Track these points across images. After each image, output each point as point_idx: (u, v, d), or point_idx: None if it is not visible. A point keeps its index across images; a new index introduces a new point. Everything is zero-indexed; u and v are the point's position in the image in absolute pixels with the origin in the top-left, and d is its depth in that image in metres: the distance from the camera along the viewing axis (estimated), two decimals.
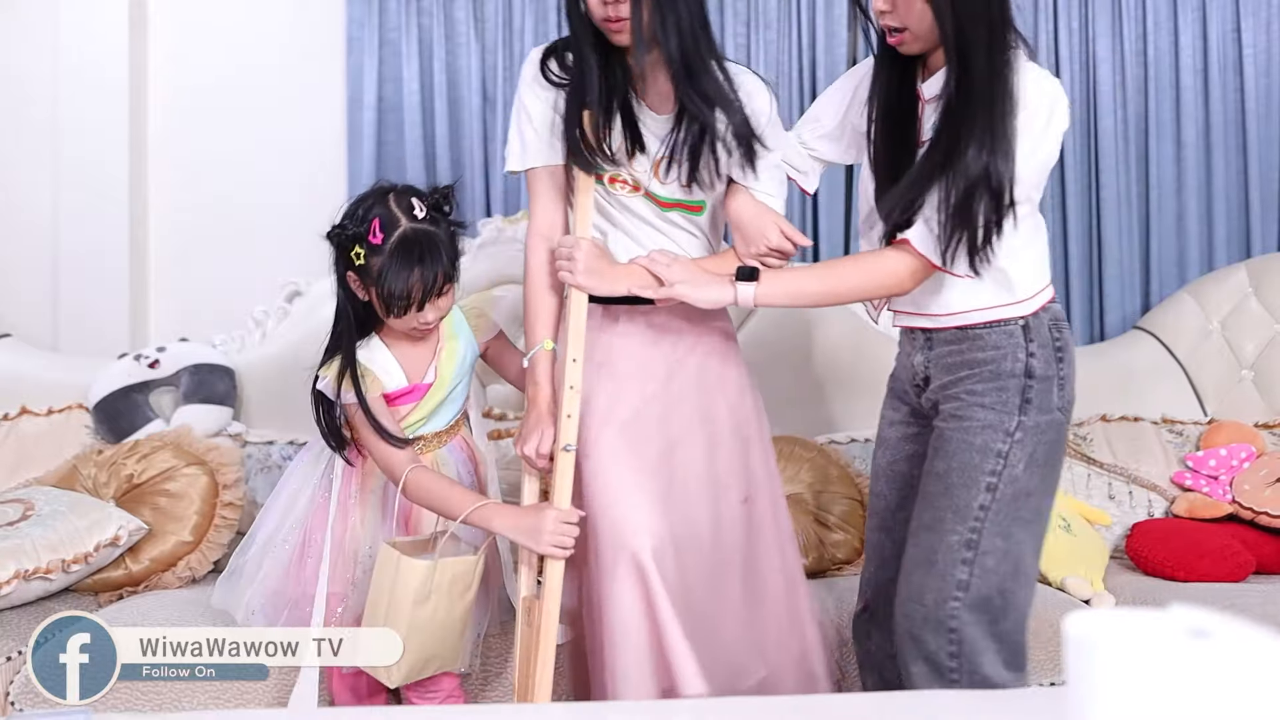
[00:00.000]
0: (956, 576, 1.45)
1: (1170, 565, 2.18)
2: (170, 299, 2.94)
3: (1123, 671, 0.53)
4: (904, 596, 1.50)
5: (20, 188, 2.89)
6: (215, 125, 2.94)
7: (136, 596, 2.02)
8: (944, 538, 1.47)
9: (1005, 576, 1.47)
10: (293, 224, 2.90)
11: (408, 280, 1.59)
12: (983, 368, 1.50)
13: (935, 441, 1.54)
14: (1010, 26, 1.45)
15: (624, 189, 1.65)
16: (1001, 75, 1.42)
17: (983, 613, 1.45)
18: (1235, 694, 0.51)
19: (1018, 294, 1.51)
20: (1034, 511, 1.50)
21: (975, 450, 1.47)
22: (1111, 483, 2.49)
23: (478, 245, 2.69)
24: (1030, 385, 1.49)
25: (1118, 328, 2.95)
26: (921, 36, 1.45)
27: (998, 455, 1.47)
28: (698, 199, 1.66)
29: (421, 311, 1.63)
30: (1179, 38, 2.96)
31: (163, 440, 2.25)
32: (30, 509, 2.00)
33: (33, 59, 2.87)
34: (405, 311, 1.62)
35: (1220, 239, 2.96)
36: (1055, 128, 1.46)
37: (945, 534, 1.47)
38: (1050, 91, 1.46)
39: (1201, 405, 2.69)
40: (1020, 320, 1.51)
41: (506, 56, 2.91)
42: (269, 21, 2.97)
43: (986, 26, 1.41)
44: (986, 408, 1.48)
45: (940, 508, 1.49)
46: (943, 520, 1.48)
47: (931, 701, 1.27)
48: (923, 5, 1.42)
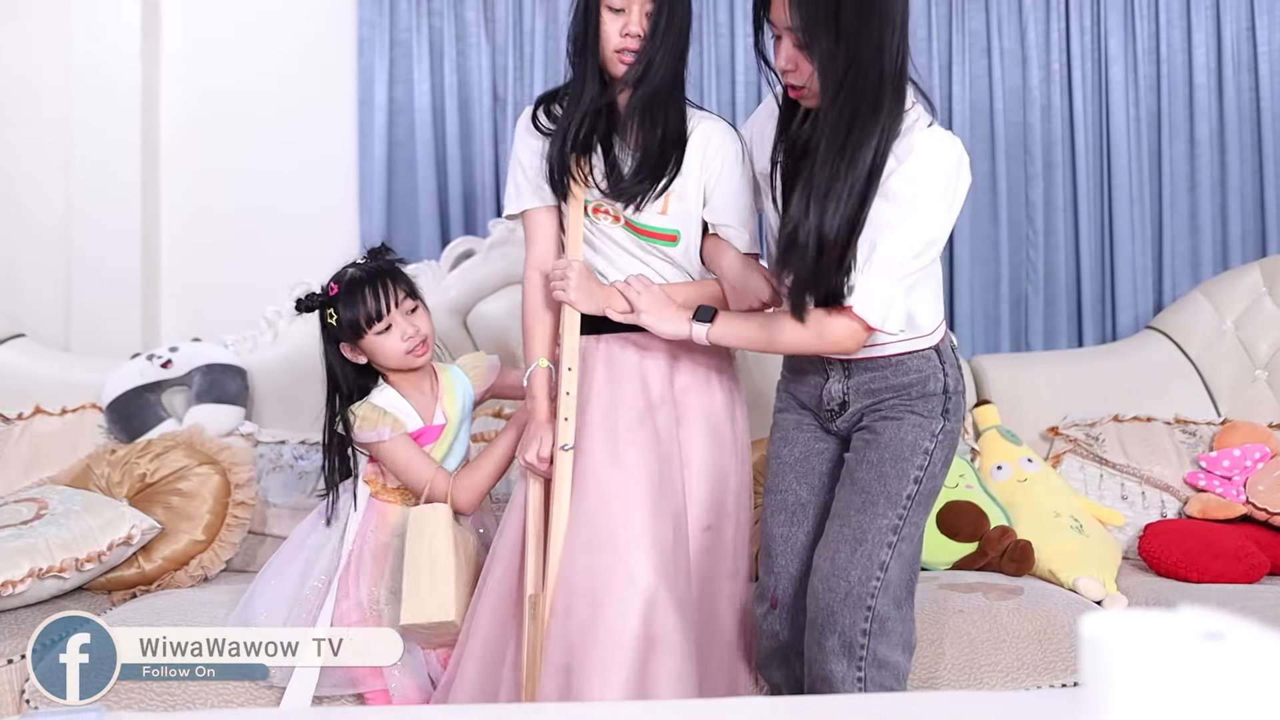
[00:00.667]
0: (880, 557, 1.54)
1: (1183, 566, 2.16)
2: (182, 299, 2.96)
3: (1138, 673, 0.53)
4: (825, 573, 1.55)
5: (33, 190, 2.91)
6: (227, 126, 2.95)
7: (149, 595, 2.03)
8: (875, 520, 1.55)
9: (911, 564, 1.59)
10: (304, 224, 2.91)
11: (364, 297, 1.83)
12: (909, 389, 1.63)
13: (866, 436, 1.64)
14: (902, 92, 1.50)
15: (605, 219, 1.78)
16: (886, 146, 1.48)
17: (893, 596, 1.55)
18: (1250, 696, 0.51)
19: (924, 330, 1.64)
20: (929, 511, 1.64)
21: (906, 445, 1.59)
22: (1124, 483, 2.47)
23: (489, 245, 2.69)
24: (949, 398, 1.63)
25: (1130, 327, 2.94)
26: (817, 94, 1.53)
27: (924, 452, 1.60)
28: (672, 228, 1.77)
29: (389, 331, 1.84)
30: (1192, 35, 2.94)
31: (175, 440, 2.26)
32: (44, 508, 2.01)
33: (45, 62, 2.89)
34: (378, 324, 1.83)
35: (1234, 238, 2.95)
36: (954, 190, 1.53)
37: (876, 517, 1.55)
38: (947, 155, 1.52)
39: (1215, 405, 2.68)
40: (931, 347, 1.65)
41: (517, 57, 2.92)
42: (280, 23, 2.98)
43: (873, 103, 1.46)
44: (915, 413, 1.62)
45: (873, 492, 1.57)
46: (875, 504, 1.56)
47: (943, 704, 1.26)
48: (812, 71, 1.50)
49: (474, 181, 2.93)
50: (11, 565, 1.83)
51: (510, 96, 2.91)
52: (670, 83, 1.69)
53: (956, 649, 1.82)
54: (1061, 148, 2.97)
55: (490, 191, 2.92)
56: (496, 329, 2.55)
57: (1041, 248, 2.97)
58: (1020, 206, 2.98)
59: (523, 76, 2.93)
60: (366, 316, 1.84)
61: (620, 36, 1.65)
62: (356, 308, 1.83)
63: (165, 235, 2.97)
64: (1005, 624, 1.86)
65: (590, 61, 1.69)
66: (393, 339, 1.85)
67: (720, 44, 2.95)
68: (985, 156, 2.97)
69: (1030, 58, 2.96)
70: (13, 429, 2.40)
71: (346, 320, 1.84)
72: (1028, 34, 2.96)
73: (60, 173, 2.88)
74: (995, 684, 1.80)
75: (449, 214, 2.91)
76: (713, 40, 2.94)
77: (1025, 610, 1.89)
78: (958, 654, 1.82)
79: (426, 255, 2.83)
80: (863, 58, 1.45)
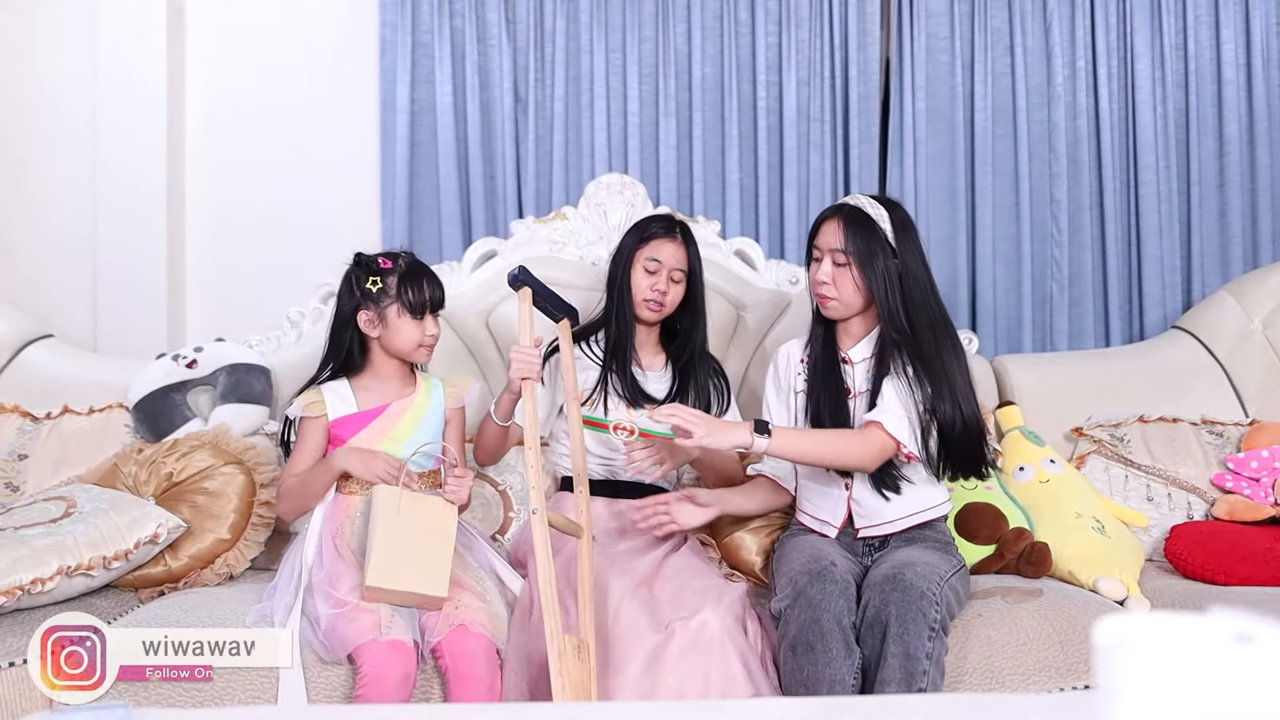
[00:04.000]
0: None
1: (1210, 569, 2.14)
2: (207, 300, 2.99)
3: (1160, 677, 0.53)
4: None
5: (61, 195, 2.95)
6: (250, 129, 2.98)
7: (177, 593, 2.05)
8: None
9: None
10: (327, 225, 2.94)
11: (426, 285, 2.00)
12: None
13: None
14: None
15: (623, 434, 1.98)
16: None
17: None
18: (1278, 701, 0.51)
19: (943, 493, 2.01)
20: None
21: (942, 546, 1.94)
22: (1150, 485, 2.45)
23: (510, 246, 2.70)
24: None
25: (1158, 326, 2.91)
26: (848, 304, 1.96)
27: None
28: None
29: (423, 320, 1.99)
30: (1220, 31, 2.91)
31: (201, 439, 2.28)
32: (72, 506, 2.04)
33: (72, 69, 2.93)
34: (424, 313, 1.99)
35: (1265, 236, 2.92)
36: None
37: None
38: None
39: (1242, 406, 2.65)
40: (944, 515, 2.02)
41: (538, 58, 2.93)
42: (303, 26, 3.00)
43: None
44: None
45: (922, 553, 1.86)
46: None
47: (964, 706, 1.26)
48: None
49: (496, 182, 2.94)
50: (40, 563, 1.85)
51: (531, 97, 2.92)
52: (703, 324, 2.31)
53: (977, 652, 1.81)
54: (1087, 145, 2.95)
55: (512, 191, 2.93)
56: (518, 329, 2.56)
57: (1066, 247, 2.94)
58: (1044, 205, 2.96)
59: (544, 77, 2.94)
60: (433, 300, 2.01)
61: (651, 289, 2.19)
62: (421, 290, 2.00)
63: (190, 236, 3.00)
64: (1026, 626, 1.85)
65: (626, 311, 2.22)
66: (419, 329, 2.00)
67: (741, 44, 2.95)
68: (1009, 155, 2.95)
69: (1054, 55, 2.94)
70: (41, 428, 2.43)
71: (408, 297, 1.98)
72: (1052, 30, 2.94)
73: (87, 176, 2.92)
74: (1016, 686, 1.79)
75: (471, 214, 2.92)
76: (733, 40, 2.94)
77: (1045, 612, 1.88)
78: (978, 656, 1.80)
79: (449, 256, 2.85)
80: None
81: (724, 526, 2.15)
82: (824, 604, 1.69)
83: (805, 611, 1.69)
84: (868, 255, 1.91)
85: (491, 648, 1.76)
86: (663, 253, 2.19)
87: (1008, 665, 1.81)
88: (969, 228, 2.96)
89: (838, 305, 1.96)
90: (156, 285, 2.90)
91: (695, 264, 2.24)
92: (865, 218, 1.94)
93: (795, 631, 1.69)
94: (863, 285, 1.93)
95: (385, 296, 1.99)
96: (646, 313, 2.18)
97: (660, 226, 2.23)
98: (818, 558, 1.80)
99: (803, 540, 1.95)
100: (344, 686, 1.71)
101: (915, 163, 2.92)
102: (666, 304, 2.20)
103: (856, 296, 1.95)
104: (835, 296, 1.95)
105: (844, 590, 1.72)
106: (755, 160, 2.95)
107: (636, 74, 2.93)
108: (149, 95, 2.90)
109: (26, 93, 2.96)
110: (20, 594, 1.81)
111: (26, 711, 1.69)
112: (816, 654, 1.65)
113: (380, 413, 2.00)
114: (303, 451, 2.00)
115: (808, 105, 2.94)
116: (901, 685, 1.62)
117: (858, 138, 2.93)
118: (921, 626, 1.64)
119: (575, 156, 2.94)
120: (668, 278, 2.18)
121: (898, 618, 1.65)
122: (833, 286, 1.95)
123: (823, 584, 1.71)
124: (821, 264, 1.96)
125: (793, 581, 1.74)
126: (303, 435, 2.01)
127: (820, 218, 2.01)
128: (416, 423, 2.01)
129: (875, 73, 2.97)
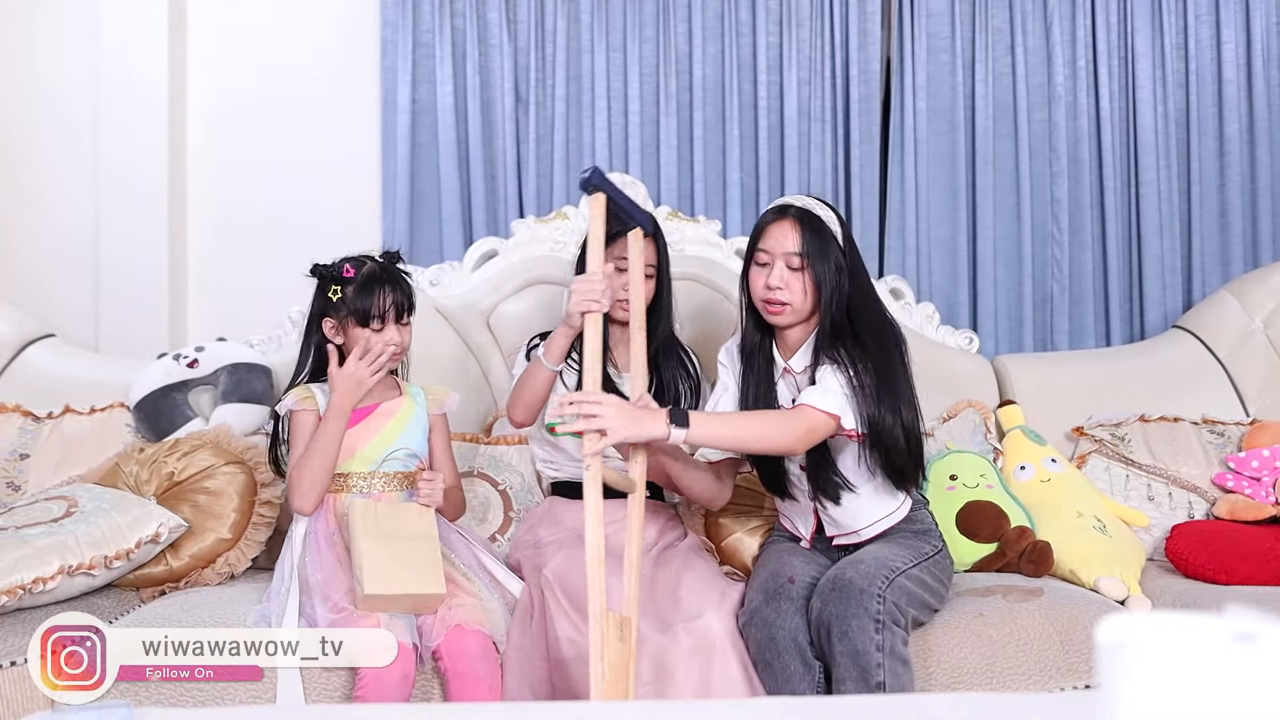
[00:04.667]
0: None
1: (1211, 568, 2.14)
2: (208, 300, 2.99)
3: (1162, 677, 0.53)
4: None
5: (62, 194, 2.95)
6: (252, 129, 2.98)
7: (179, 592, 2.05)
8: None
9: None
10: (328, 224, 2.93)
11: (378, 294, 1.94)
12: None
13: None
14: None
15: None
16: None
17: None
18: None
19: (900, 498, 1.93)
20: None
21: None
22: (1151, 484, 2.45)
23: (512, 245, 2.70)
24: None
25: (1158, 326, 2.91)
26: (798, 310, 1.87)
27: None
28: None
29: (380, 332, 1.94)
30: (1221, 30, 2.91)
31: (202, 439, 2.28)
32: (74, 506, 2.04)
33: (74, 69, 2.93)
34: (377, 323, 1.93)
35: (1265, 235, 2.91)
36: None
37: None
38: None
39: (1243, 405, 2.64)
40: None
41: (539, 58, 2.93)
42: (304, 26, 3.00)
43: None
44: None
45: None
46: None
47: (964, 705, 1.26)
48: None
49: (497, 182, 2.94)
50: (42, 562, 1.85)
51: (532, 96, 2.91)
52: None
53: (977, 651, 1.81)
54: (1088, 145, 2.95)
55: (513, 191, 2.93)
56: (519, 329, 2.56)
57: (1067, 246, 2.94)
58: (1045, 205, 2.96)
59: (545, 77, 2.93)
60: (378, 310, 1.94)
61: (625, 290, 1.99)
62: (371, 299, 1.94)
63: (192, 236, 3.00)
64: (1026, 625, 1.85)
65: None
66: (377, 340, 1.95)
67: (741, 43, 2.95)
68: (1009, 155, 2.95)
69: (1055, 54, 2.93)
70: (43, 428, 2.43)
71: (356, 306, 1.93)
72: (1052, 30, 2.93)
73: (89, 176, 2.92)
74: (1017, 686, 1.79)
75: (472, 214, 2.92)
76: (734, 39, 2.94)
77: (1046, 611, 1.88)
78: (979, 656, 1.80)
79: (449, 255, 2.85)
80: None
81: (723, 527, 2.15)
82: (778, 622, 1.72)
83: (761, 630, 1.73)
84: (821, 257, 1.83)
85: (489, 643, 1.76)
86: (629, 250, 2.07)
87: (1008, 665, 1.81)
88: (970, 227, 2.96)
89: (789, 311, 1.85)
90: (158, 285, 2.90)
91: (663, 259, 2.15)
92: (816, 219, 1.86)
93: (754, 650, 1.73)
94: (813, 289, 1.84)
95: (344, 305, 1.95)
96: (620, 312, 2.04)
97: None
98: (777, 574, 1.82)
99: (776, 549, 1.97)
100: (344, 687, 1.72)
101: (916, 162, 2.92)
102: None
103: (806, 301, 1.85)
104: (788, 301, 1.84)
105: (799, 608, 1.75)
106: (756, 160, 2.95)
107: (637, 73, 2.93)
108: (150, 95, 2.90)
109: (28, 92, 2.96)
110: (21, 593, 1.81)
111: (27, 711, 1.69)
112: (775, 671, 1.70)
113: (370, 412, 1.99)
114: (301, 441, 1.97)
115: (808, 105, 2.94)
116: (858, 683, 1.61)
117: (858, 137, 2.93)
118: (864, 621, 1.63)
119: (576, 156, 2.94)
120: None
121: (838, 617, 1.65)
122: (786, 291, 1.84)
123: (777, 603, 1.74)
124: (772, 268, 1.85)
125: (749, 601, 1.78)
126: (298, 427, 1.97)
127: (764, 220, 1.90)
128: (404, 424, 2.01)
129: (876, 72, 2.96)
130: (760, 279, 1.87)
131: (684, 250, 2.67)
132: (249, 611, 1.83)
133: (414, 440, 2.01)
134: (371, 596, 1.71)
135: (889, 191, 2.96)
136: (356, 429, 1.96)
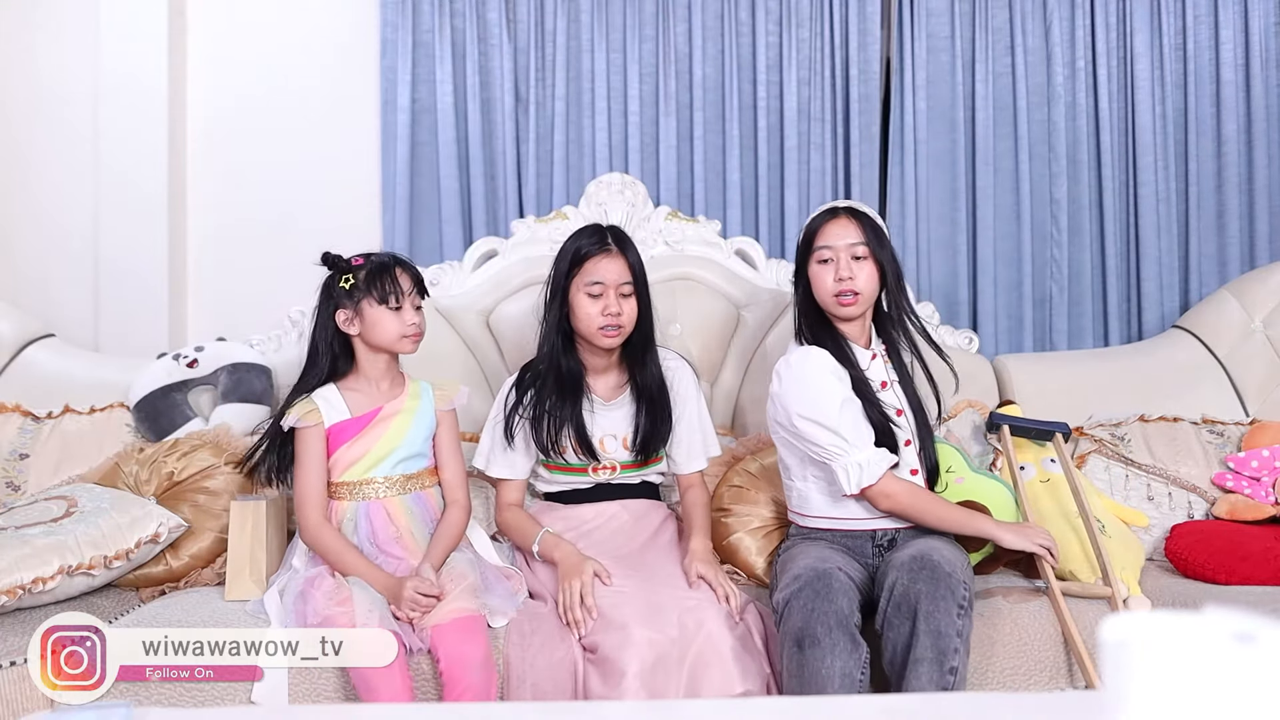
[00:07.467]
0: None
1: (1211, 568, 2.14)
2: (208, 300, 2.99)
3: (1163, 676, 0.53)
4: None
5: (62, 194, 2.95)
6: (251, 129, 2.98)
7: (178, 592, 2.05)
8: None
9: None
10: (328, 224, 2.94)
11: (395, 272, 1.97)
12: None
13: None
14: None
15: (607, 473, 2.07)
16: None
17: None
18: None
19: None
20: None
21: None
22: (1150, 484, 2.45)
23: (511, 245, 2.70)
24: None
25: (1156, 326, 2.91)
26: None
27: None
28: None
29: (400, 310, 1.96)
30: (1219, 31, 2.91)
31: (202, 439, 2.28)
32: (74, 505, 2.04)
33: (74, 70, 2.93)
34: (396, 301, 1.95)
35: (1262, 236, 2.92)
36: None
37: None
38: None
39: (1243, 405, 2.65)
40: None
41: (539, 58, 2.93)
42: (304, 26, 3.00)
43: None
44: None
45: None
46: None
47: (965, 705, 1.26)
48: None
49: (496, 181, 2.94)
50: (42, 562, 1.85)
51: (532, 96, 2.91)
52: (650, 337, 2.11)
53: (978, 651, 1.81)
54: (1086, 145, 2.95)
55: (513, 191, 2.93)
56: (520, 328, 2.56)
57: (1066, 246, 2.95)
58: (1044, 205, 2.96)
59: (545, 77, 2.94)
60: (405, 288, 1.98)
61: (602, 315, 2.00)
62: (389, 277, 1.97)
63: (192, 236, 3.00)
64: (1026, 626, 1.85)
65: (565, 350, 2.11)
66: (397, 319, 1.97)
67: (741, 43, 2.95)
68: (1009, 155, 2.95)
69: (1054, 54, 2.94)
70: (42, 428, 2.43)
71: (374, 285, 1.96)
72: (1052, 30, 2.94)
73: (89, 176, 2.92)
74: (1016, 686, 1.80)
75: (471, 214, 2.92)
76: (733, 39, 2.94)
77: (1046, 611, 1.88)
78: (979, 656, 1.80)
79: (449, 255, 2.85)
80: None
81: (723, 527, 2.15)
82: (830, 596, 1.67)
83: (811, 602, 1.67)
84: (880, 244, 1.97)
85: (482, 623, 1.78)
86: (602, 271, 2.00)
87: (1008, 665, 1.81)
88: (969, 227, 2.96)
89: (860, 300, 1.96)
90: (158, 285, 2.90)
91: (639, 270, 2.04)
92: (865, 213, 2.00)
93: (800, 623, 1.65)
94: (877, 275, 1.96)
95: (358, 291, 1.97)
96: (606, 340, 2.00)
97: (591, 242, 2.03)
98: (824, 559, 1.81)
99: (804, 546, 1.94)
100: (344, 688, 1.72)
101: (916, 162, 2.93)
102: (624, 323, 2.01)
103: (874, 288, 1.98)
104: (860, 290, 1.95)
105: (847, 590, 1.72)
106: (756, 160, 2.95)
107: (637, 73, 2.93)
108: (151, 95, 2.90)
109: (28, 92, 2.96)
110: (21, 593, 1.81)
111: (26, 711, 1.69)
112: (823, 647, 1.62)
113: (373, 417, 1.99)
114: (308, 464, 1.94)
115: (808, 105, 2.94)
116: (934, 664, 1.61)
117: (858, 137, 2.93)
118: (950, 604, 1.65)
119: (576, 156, 2.94)
120: (616, 296, 1.99)
121: (928, 595, 1.65)
122: (856, 281, 1.94)
123: (827, 582, 1.70)
124: (837, 263, 1.95)
125: (798, 576, 1.73)
126: (304, 447, 1.95)
127: (818, 221, 1.98)
128: (408, 425, 2.01)
129: (876, 72, 2.97)
130: (827, 275, 1.96)
131: (684, 250, 2.67)
132: (248, 610, 1.85)
133: (415, 443, 2.01)
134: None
135: (889, 191, 2.96)
136: (356, 440, 1.97)
